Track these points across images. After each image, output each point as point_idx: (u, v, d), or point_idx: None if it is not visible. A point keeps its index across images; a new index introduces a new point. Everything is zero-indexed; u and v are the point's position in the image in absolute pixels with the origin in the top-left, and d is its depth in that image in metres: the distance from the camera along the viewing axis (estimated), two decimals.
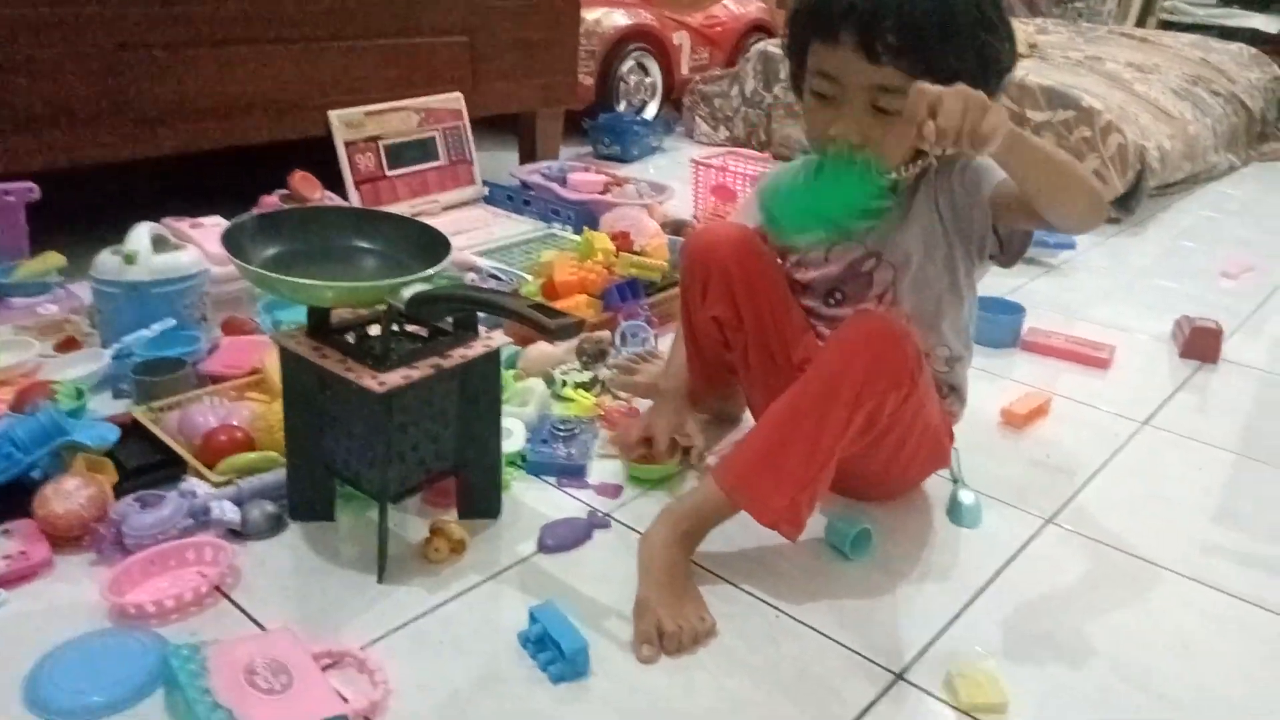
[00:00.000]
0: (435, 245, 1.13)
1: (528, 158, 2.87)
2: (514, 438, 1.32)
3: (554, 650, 0.95)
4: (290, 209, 1.78)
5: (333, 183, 2.16)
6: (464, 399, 1.11)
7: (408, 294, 1.00)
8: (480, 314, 1.11)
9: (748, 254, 1.25)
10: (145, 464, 1.20)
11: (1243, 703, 0.99)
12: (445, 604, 1.05)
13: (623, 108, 3.52)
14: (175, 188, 2.39)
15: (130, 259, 1.49)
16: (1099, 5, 5.48)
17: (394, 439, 1.04)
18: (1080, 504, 1.33)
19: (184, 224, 1.74)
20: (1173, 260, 2.53)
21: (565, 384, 1.51)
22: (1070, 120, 2.78)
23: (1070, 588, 1.16)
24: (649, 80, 3.68)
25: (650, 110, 3.68)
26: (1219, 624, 1.11)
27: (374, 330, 1.10)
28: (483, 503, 1.20)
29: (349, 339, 1.09)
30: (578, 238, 2.04)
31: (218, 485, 1.16)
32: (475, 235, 2.27)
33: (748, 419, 1.42)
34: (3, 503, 1.10)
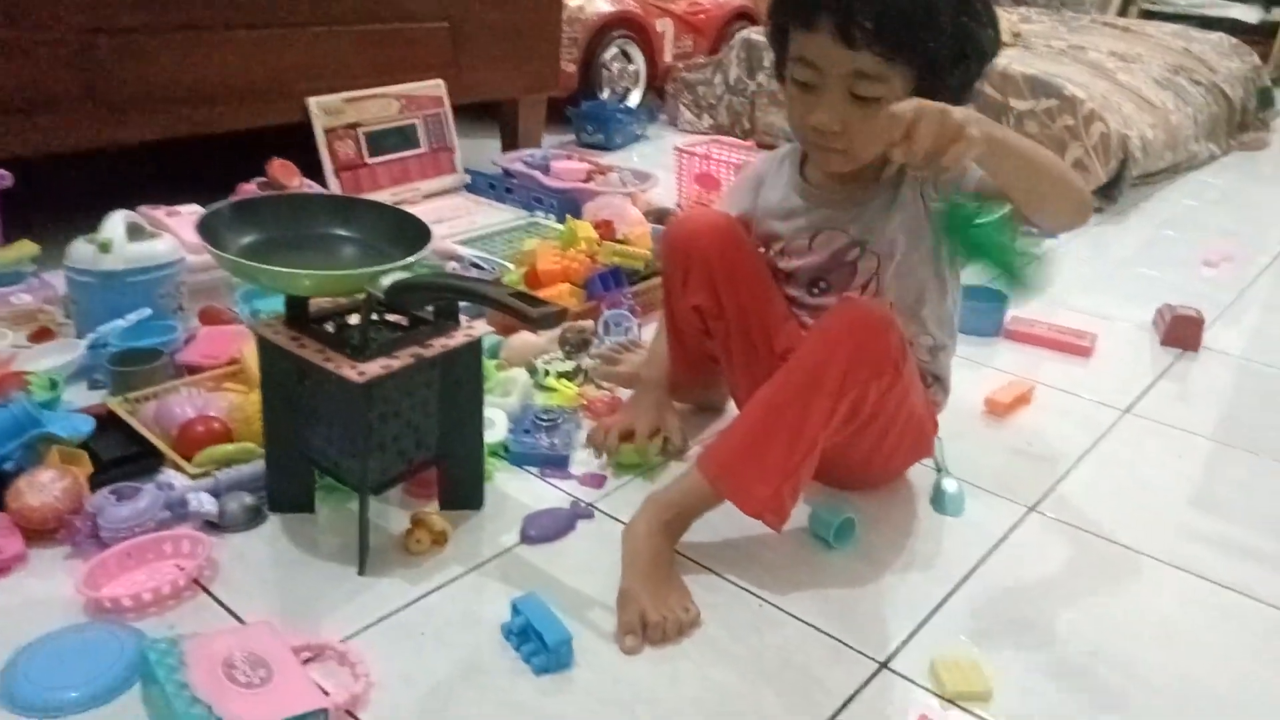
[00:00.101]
0: (416, 233, 1.11)
1: (510, 145, 2.85)
2: (496, 428, 1.31)
3: (537, 642, 0.95)
4: (267, 196, 1.77)
5: (312, 170, 2.13)
6: (445, 389, 1.10)
7: (387, 283, 0.99)
8: (462, 303, 1.10)
9: (729, 242, 1.24)
10: (121, 456, 1.19)
11: (1224, 688, 1.00)
12: (427, 596, 1.05)
13: (606, 95, 3.50)
14: (152, 175, 2.35)
15: (105, 247, 1.47)
16: None
17: (374, 429, 1.03)
18: (1062, 492, 1.34)
19: (160, 212, 1.71)
20: (1154, 249, 2.54)
21: (548, 373, 1.51)
22: (1053, 109, 2.79)
23: (1053, 575, 1.17)
24: (632, 68, 3.66)
25: (633, 98, 3.66)
26: (1200, 610, 1.12)
27: (354, 320, 1.08)
28: (465, 494, 1.19)
29: (328, 328, 1.08)
30: (560, 226, 2.03)
31: (195, 477, 1.15)
32: (457, 223, 2.25)
33: (731, 408, 1.42)
34: None
